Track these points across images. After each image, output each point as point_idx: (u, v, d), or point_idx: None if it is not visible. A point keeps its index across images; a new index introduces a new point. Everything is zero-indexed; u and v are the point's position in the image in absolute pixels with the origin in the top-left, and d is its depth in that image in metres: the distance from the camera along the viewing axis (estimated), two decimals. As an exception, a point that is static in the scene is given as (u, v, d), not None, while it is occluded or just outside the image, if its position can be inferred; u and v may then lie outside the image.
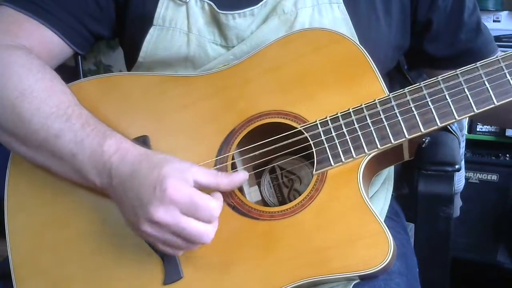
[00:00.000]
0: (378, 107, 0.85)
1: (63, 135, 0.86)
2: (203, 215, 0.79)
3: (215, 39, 0.98)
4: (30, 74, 0.90)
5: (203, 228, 0.79)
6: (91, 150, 0.85)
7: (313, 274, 0.82)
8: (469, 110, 0.82)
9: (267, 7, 0.97)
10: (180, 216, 0.78)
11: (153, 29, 0.98)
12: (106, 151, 0.84)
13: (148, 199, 0.78)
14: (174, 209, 0.78)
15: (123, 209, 0.84)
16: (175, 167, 0.80)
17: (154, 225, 0.79)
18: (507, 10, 2.07)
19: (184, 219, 0.78)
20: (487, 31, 1.03)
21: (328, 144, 0.86)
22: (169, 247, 0.83)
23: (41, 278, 0.92)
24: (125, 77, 0.98)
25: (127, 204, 0.82)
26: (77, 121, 0.87)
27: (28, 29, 0.96)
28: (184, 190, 0.78)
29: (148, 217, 0.78)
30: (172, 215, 0.78)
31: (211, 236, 0.80)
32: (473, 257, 1.96)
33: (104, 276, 0.90)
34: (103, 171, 0.84)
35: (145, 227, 0.80)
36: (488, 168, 1.99)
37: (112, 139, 0.85)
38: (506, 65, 0.82)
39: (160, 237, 0.81)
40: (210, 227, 0.80)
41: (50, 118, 0.87)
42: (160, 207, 0.78)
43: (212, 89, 0.93)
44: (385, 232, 0.81)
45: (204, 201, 0.79)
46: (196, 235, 0.79)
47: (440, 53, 1.01)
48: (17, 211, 0.94)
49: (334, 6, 0.95)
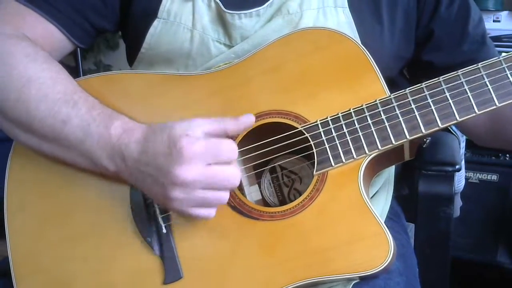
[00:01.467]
0: (379, 108, 0.85)
1: (70, 121, 0.86)
2: (224, 158, 0.79)
3: (219, 37, 0.97)
4: (36, 63, 0.90)
5: (229, 170, 0.80)
6: (98, 134, 0.85)
7: (313, 274, 0.82)
8: (470, 111, 0.82)
9: (273, 7, 0.97)
10: (204, 167, 0.78)
11: (157, 22, 0.98)
12: (113, 134, 0.84)
13: (167, 164, 0.78)
14: (196, 163, 0.78)
15: (146, 188, 0.83)
16: (180, 126, 0.80)
17: (183, 187, 0.78)
18: (507, 10, 2.07)
19: (209, 169, 0.78)
20: (491, 45, 1.02)
21: (328, 144, 0.86)
22: (202, 208, 0.82)
23: (41, 276, 0.92)
24: (125, 75, 0.98)
25: (148, 181, 0.81)
26: (83, 106, 0.87)
27: (31, 21, 0.95)
28: (197, 142, 0.78)
29: (174, 181, 0.78)
30: (196, 169, 0.77)
31: (238, 176, 0.81)
32: (473, 257, 1.95)
33: (104, 275, 0.90)
34: (114, 154, 0.84)
35: (175, 193, 0.79)
36: (488, 168, 1.99)
37: (118, 120, 0.86)
38: (508, 66, 0.82)
39: (192, 198, 0.79)
40: (233, 168, 0.80)
41: (57, 104, 0.87)
42: (182, 167, 0.77)
43: (214, 89, 0.93)
44: (385, 233, 0.81)
45: (220, 144, 0.79)
46: (225, 178, 0.79)
47: (441, 62, 1.00)
48: (17, 210, 0.94)
49: (339, 10, 0.95)
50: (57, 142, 0.88)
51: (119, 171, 0.85)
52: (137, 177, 0.83)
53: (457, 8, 0.98)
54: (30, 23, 0.95)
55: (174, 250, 0.88)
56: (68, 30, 0.98)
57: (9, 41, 0.91)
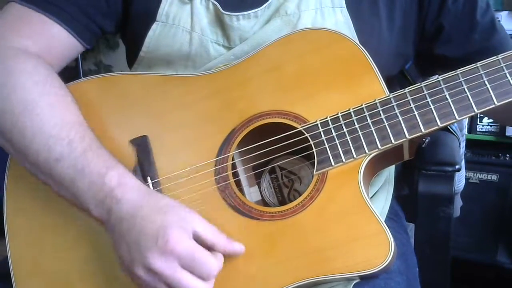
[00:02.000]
0: (379, 107, 0.85)
1: (63, 160, 0.84)
2: (201, 272, 0.78)
3: (217, 39, 0.98)
4: (36, 87, 0.88)
5: (198, 285, 0.79)
6: (90, 180, 0.83)
7: (313, 274, 0.82)
8: (469, 110, 0.82)
9: (271, 8, 0.97)
10: (178, 268, 0.78)
11: (155, 25, 0.98)
12: (107, 184, 0.82)
13: (147, 246, 0.78)
14: (173, 261, 0.77)
15: (117, 247, 0.82)
16: (178, 216, 0.80)
17: (150, 273, 0.78)
18: (507, 10, 2.07)
19: (181, 273, 0.78)
20: (502, 30, 1.01)
21: (328, 144, 0.86)
22: None
23: (40, 278, 0.92)
24: (125, 77, 0.98)
25: (122, 244, 0.81)
26: (79, 146, 0.85)
27: (36, 25, 0.94)
28: (186, 243, 0.78)
29: (145, 264, 0.78)
30: (170, 267, 0.77)
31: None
32: (473, 257, 1.96)
33: (103, 278, 0.90)
34: (103, 204, 0.83)
35: (140, 272, 0.79)
36: (488, 168, 1.99)
37: (114, 171, 0.84)
38: (506, 65, 0.82)
39: (151, 285, 0.79)
40: (205, 285, 0.79)
41: (51, 139, 0.85)
42: (159, 257, 0.77)
43: (212, 89, 0.93)
44: (386, 232, 0.81)
45: (205, 258, 0.79)
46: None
47: (454, 54, 1.00)
48: (17, 213, 0.94)
49: (337, 10, 0.95)
50: (50, 177, 0.86)
51: (102, 220, 0.84)
52: (114, 234, 0.83)
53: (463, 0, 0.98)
54: (35, 27, 0.94)
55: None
56: (77, 32, 0.97)
57: (15, 58, 0.90)
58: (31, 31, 0.94)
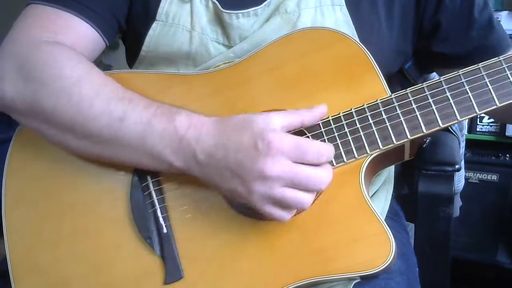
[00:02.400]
0: (380, 107, 0.85)
1: (127, 118, 0.83)
2: (313, 158, 0.77)
3: (217, 38, 0.98)
4: (82, 64, 0.88)
5: (316, 171, 0.78)
6: (161, 129, 0.82)
7: (314, 274, 0.82)
8: (471, 111, 0.82)
9: (270, 7, 0.97)
10: (291, 164, 0.76)
11: (155, 24, 0.98)
12: (179, 127, 0.81)
13: (251, 159, 0.76)
14: (284, 159, 0.76)
15: (223, 184, 0.80)
16: (262, 120, 0.78)
17: (267, 181, 0.76)
18: (507, 10, 2.07)
19: (296, 166, 0.76)
20: (501, 27, 1.02)
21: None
22: (278, 208, 0.79)
23: (39, 276, 0.91)
24: (124, 75, 0.97)
25: (226, 175, 0.79)
26: (140, 102, 0.84)
27: (63, 24, 0.93)
28: (286, 138, 0.77)
29: (257, 175, 0.76)
30: (283, 165, 0.76)
31: (325, 179, 0.78)
32: (473, 257, 1.96)
33: (103, 275, 0.89)
34: (181, 148, 0.81)
35: (255, 186, 0.77)
36: (488, 168, 1.99)
37: (181, 114, 0.83)
38: (508, 66, 0.82)
39: (270, 195, 0.77)
40: (322, 170, 0.78)
41: (111, 101, 0.84)
42: (267, 160, 0.75)
43: (212, 88, 0.93)
44: (387, 232, 0.81)
45: (311, 144, 0.78)
46: (310, 179, 0.77)
47: (452, 52, 1.00)
48: (15, 207, 0.94)
49: (336, 8, 0.95)
50: (114, 142, 0.85)
51: (187, 166, 0.82)
52: (210, 173, 0.81)
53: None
54: (62, 26, 0.93)
55: (175, 250, 0.88)
56: (102, 29, 0.96)
57: (50, 46, 0.89)
58: (57, 29, 0.93)
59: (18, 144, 0.95)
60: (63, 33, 0.93)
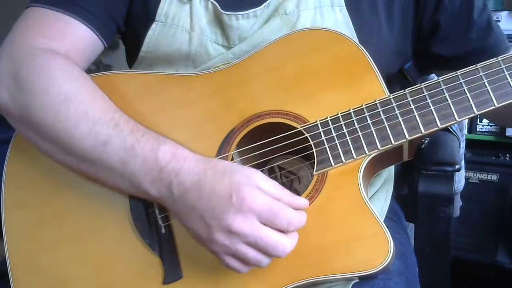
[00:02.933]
0: (379, 108, 0.85)
1: (111, 142, 0.83)
2: (282, 224, 0.76)
3: (217, 39, 0.98)
4: (72, 78, 0.87)
5: (280, 239, 0.77)
6: (143, 157, 0.81)
7: (313, 274, 0.82)
8: (469, 111, 0.82)
9: (270, 8, 0.97)
10: (259, 225, 0.76)
11: (155, 25, 0.98)
12: (161, 158, 0.80)
13: (222, 208, 0.76)
14: (252, 218, 0.75)
15: (188, 221, 0.80)
16: (244, 174, 0.78)
17: (230, 235, 0.76)
18: (507, 10, 2.07)
19: (262, 228, 0.76)
20: (499, 29, 1.02)
21: (328, 144, 0.86)
22: (237, 261, 0.79)
23: (38, 277, 0.91)
24: (124, 76, 0.98)
25: (193, 215, 0.79)
26: (126, 127, 0.84)
27: (60, 28, 0.93)
28: (262, 198, 0.76)
29: (225, 227, 0.75)
30: (250, 224, 0.75)
31: (287, 248, 0.77)
32: (473, 257, 1.95)
33: (103, 276, 0.90)
34: (160, 179, 0.80)
35: (220, 237, 0.76)
36: (488, 168, 1.99)
37: (166, 145, 0.82)
38: (506, 67, 0.82)
39: (232, 248, 0.77)
40: (287, 239, 0.77)
41: (97, 124, 0.83)
42: (237, 215, 0.75)
43: (212, 89, 0.93)
44: (385, 232, 0.81)
45: (282, 209, 0.77)
46: (272, 245, 0.76)
47: (450, 53, 1.00)
48: (15, 209, 0.94)
49: (336, 9, 0.95)
50: (97, 164, 0.85)
51: (162, 198, 0.82)
52: (180, 209, 0.80)
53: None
54: (60, 30, 0.93)
55: (174, 250, 0.88)
56: (100, 31, 0.97)
57: (45, 56, 0.89)
58: (55, 33, 0.93)
59: (18, 146, 0.95)
60: (60, 37, 0.93)
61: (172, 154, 0.81)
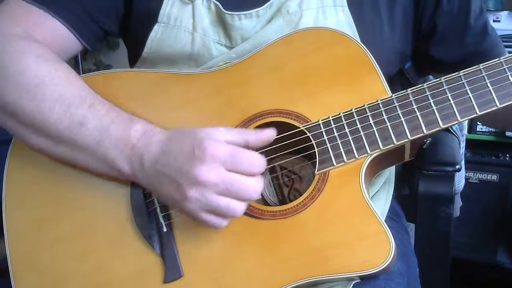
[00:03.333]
0: (381, 108, 0.85)
1: (87, 122, 0.85)
2: (246, 168, 0.78)
3: (219, 39, 0.98)
4: (48, 63, 0.89)
5: (248, 180, 0.78)
6: (117, 136, 0.84)
7: (314, 274, 0.82)
8: (471, 112, 0.82)
9: (272, 8, 0.97)
10: (225, 171, 0.77)
11: (157, 26, 0.98)
12: (133, 135, 0.84)
13: (188, 164, 0.78)
14: (217, 166, 0.77)
15: (161, 190, 0.82)
16: (205, 131, 0.80)
17: (200, 187, 0.78)
18: (507, 10, 2.07)
19: (229, 174, 0.78)
20: (494, 33, 1.02)
21: (330, 144, 0.86)
22: (213, 215, 0.80)
23: (39, 275, 0.92)
24: (126, 74, 0.98)
25: (164, 182, 0.81)
26: (101, 108, 0.86)
27: (39, 21, 0.95)
28: (222, 146, 0.78)
29: (193, 180, 0.77)
30: (217, 172, 0.77)
31: (257, 189, 0.79)
32: (473, 257, 1.96)
33: (103, 274, 0.90)
34: (132, 156, 0.84)
35: (190, 192, 0.78)
36: (488, 168, 1.99)
37: (138, 124, 0.85)
38: (509, 67, 0.82)
39: (204, 201, 0.78)
40: (254, 180, 0.79)
41: (73, 105, 0.86)
42: (203, 167, 0.77)
43: (214, 88, 0.93)
44: (387, 232, 0.81)
45: (244, 154, 0.79)
46: (242, 187, 0.78)
47: (447, 57, 1.00)
48: (16, 207, 0.94)
49: (338, 9, 0.95)
50: (72, 145, 0.87)
51: (134, 173, 0.85)
52: (152, 179, 0.83)
53: (458, 2, 0.98)
54: (39, 23, 0.95)
55: (175, 249, 0.88)
56: (77, 31, 0.97)
57: (20, 42, 0.90)
58: (33, 25, 0.94)
59: (19, 144, 0.95)
60: (36, 29, 0.94)
61: (142, 131, 0.84)
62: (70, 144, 0.87)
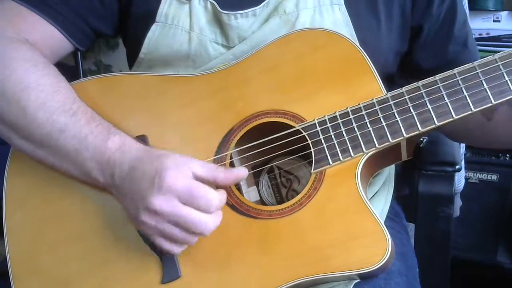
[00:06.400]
0: (376, 106, 0.85)
1: (67, 130, 0.86)
2: (202, 205, 0.79)
3: (216, 38, 0.98)
4: (36, 69, 0.90)
5: (201, 217, 0.79)
6: (94, 146, 0.85)
7: (311, 272, 0.82)
8: (466, 109, 0.82)
9: (269, 7, 0.97)
10: (178, 204, 0.78)
11: (155, 26, 0.98)
12: (109, 148, 0.84)
13: (146, 190, 0.79)
14: (172, 198, 0.78)
15: (125, 205, 0.84)
16: (174, 160, 0.80)
17: (152, 214, 0.79)
18: (507, 10, 2.07)
19: (182, 207, 0.78)
20: (474, 49, 1.04)
21: (326, 143, 0.86)
22: (166, 241, 0.82)
23: (38, 276, 0.92)
24: (125, 77, 0.99)
25: (128, 199, 0.82)
26: (83, 117, 0.87)
27: (30, 22, 0.96)
28: (182, 180, 0.78)
29: (147, 206, 0.79)
30: (170, 203, 0.78)
31: (209, 226, 0.80)
32: (473, 257, 1.95)
33: (102, 276, 0.90)
34: (107, 168, 0.84)
35: (144, 217, 0.80)
36: (488, 168, 1.99)
37: (116, 136, 0.86)
38: (503, 64, 0.82)
39: (158, 228, 0.80)
40: (209, 217, 0.80)
41: (55, 113, 0.87)
42: (158, 196, 0.78)
43: (211, 89, 0.94)
44: (383, 230, 0.81)
45: (202, 191, 0.79)
46: (193, 223, 0.79)
47: (427, 63, 1.01)
48: (16, 209, 0.94)
49: (335, 8, 0.95)
50: (52, 150, 0.88)
51: (108, 185, 0.86)
52: (120, 194, 0.84)
53: (446, 8, 0.99)
54: (30, 24, 0.96)
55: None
56: (68, 32, 0.99)
57: (11, 45, 0.91)
58: (24, 26, 0.95)
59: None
60: (30, 30, 0.95)
61: (120, 144, 0.85)
62: (51, 150, 0.88)
